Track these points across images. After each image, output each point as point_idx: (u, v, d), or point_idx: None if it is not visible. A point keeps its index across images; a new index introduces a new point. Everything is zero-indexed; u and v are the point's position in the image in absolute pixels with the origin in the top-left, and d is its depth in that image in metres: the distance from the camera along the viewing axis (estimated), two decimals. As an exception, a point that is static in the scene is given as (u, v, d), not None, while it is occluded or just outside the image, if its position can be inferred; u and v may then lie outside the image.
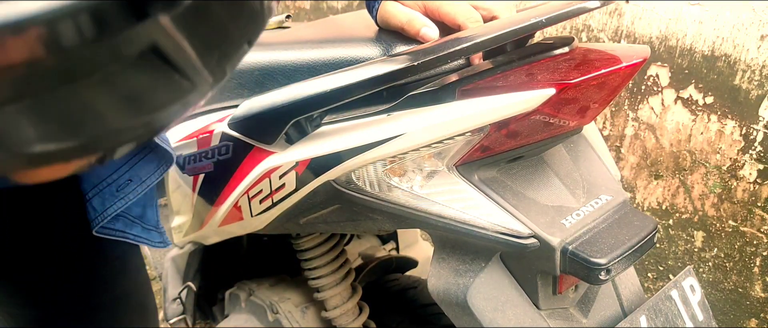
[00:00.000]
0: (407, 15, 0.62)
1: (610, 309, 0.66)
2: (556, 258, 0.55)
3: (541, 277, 0.59)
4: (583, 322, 0.64)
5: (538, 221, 0.56)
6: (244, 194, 0.71)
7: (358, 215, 0.64)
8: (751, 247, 1.20)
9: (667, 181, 1.31)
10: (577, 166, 0.65)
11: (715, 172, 1.21)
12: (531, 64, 0.55)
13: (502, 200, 0.57)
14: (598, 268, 0.53)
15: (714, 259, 1.27)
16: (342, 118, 0.61)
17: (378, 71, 0.53)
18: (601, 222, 0.59)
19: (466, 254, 0.61)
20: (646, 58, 0.54)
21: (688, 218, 1.29)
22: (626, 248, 0.55)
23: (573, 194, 0.61)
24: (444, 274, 0.62)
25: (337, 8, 2.13)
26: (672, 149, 1.27)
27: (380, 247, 1.16)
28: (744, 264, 1.22)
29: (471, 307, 0.58)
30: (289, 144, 0.64)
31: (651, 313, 0.62)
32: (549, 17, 0.50)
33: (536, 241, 0.55)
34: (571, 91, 0.51)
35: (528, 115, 0.52)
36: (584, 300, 0.65)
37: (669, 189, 1.31)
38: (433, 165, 0.58)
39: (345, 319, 0.91)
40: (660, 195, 1.33)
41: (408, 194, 0.58)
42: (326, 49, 0.66)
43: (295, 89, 0.60)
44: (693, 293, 0.66)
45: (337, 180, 0.61)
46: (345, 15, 0.87)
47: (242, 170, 0.70)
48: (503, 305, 0.59)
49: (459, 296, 0.59)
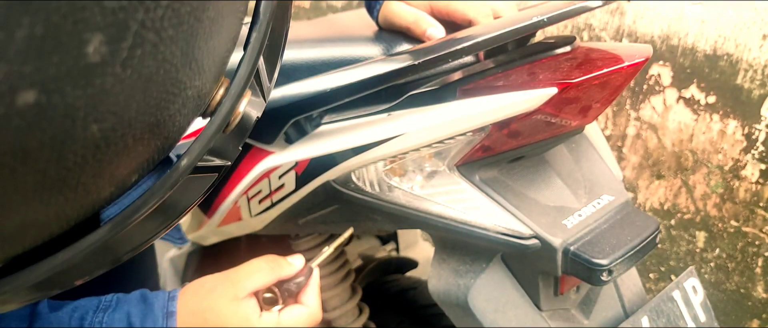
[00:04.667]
0: (414, 15, 0.61)
1: (611, 310, 0.66)
2: (558, 259, 0.55)
3: (543, 278, 0.59)
4: (585, 323, 0.63)
5: (539, 222, 0.55)
6: (243, 194, 0.71)
7: (358, 216, 0.64)
8: (754, 247, 1.19)
9: (668, 181, 1.30)
10: (579, 166, 0.65)
11: (718, 172, 1.21)
12: (532, 63, 0.55)
13: (504, 201, 0.56)
14: (600, 269, 0.52)
15: (716, 259, 1.27)
16: (342, 118, 0.60)
17: (378, 70, 0.53)
18: (602, 223, 0.58)
19: (467, 254, 0.61)
20: (648, 58, 0.53)
21: (690, 218, 1.28)
22: (628, 249, 0.55)
23: (575, 195, 0.61)
24: (445, 275, 0.62)
25: (336, 7, 2.12)
26: (674, 149, 1.27)
27: (380, 247, 1.16)
28: (746, 265, 1.21)
29: (472, 308, 0.58)
30: (289, 144, 0.64)
31: (653, 314, 0.61)
32: (550, 16, 0.49)
33: (538, 241, 0.54)
34: (572, 91, 0.51)
35: (529, 114, 0.51)
36: (586, 301, 0.65)
37: (671, 189, 1.30)
38: (433, 165, 0.58)
39: (345, 320, 0.90)
40: (662, 195, 1.33)
41: (408, 195, 0.58)
42: (326, 49, 0.66)
43: (295, 89, 0.59)
44: (695, 293, 0.66)
45: (336, 180, 0.61)
46: (344, 14, 0.86)
47: (241, 170, 0.70)
48: (504, 306, 0.59)
49: (460, 297, 0.59)
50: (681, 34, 1.20)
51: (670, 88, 1.24)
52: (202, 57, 0.23)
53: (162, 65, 0.21)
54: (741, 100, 1.13)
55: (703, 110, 1.20)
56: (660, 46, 1.23)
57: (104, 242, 0.25)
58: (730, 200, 1.20)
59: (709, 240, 1.26)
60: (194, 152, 0.26)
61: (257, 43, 0.28)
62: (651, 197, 1.34)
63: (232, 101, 0.27)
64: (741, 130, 1.15)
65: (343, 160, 0.59)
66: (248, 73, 0.28)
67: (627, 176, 1.38)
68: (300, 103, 0.58)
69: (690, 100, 1.21)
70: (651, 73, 1.26)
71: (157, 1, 0.19)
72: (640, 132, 1.32)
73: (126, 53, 0.19)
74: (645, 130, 1.31)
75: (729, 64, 1.14)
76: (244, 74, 0.28)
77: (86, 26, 0.17)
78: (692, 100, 1.21)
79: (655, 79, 1.26)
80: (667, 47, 1.23)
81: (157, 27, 0.19)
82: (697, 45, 1.18)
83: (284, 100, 0.60)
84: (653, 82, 1.27)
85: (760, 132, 1.12)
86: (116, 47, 0.18)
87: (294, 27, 0.86)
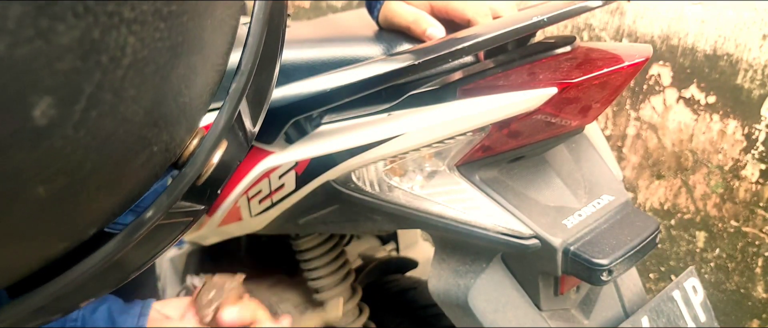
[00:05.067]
0: (414, 14, 0.61)
1: (611, 310, 0.65)
2: (558, 259, 0.55)
3: (543, 278, 0.59)
4: (585, 323, 0.63)
5: (539, 222, 0.55)
6: (243, 194, 0.71)
7: (358, 216, 0.64)
8: (754, 247, 1.19)
9: (669, 181, 1.30)
10: (579, 166, 0.65)
11: (718, 172, 1.21)
12: (532, 63, 0.55)
13: (504, 200, 0.56)
14: (600, 269, 0.52)
15: (716, 259, 1.27)
16: (342, 118, 0.60)
17: (378, 70, 0.53)
18: (602, 222, 0.58)
19: (466, 254, 0.61)
20: (648, 58, 0.53)
21: (690, 218, 1.28)
22: (628, 249, 0.55)
23: (575, 194, 0.61)
24: (445, 275, 0.62)
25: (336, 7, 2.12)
26: (674, 149, 1.27)
27: (380, 247, 1.16)
28: (746, 265, 1.21)
29: (472, 308, 0.58)
30: (289, 144, 0.64)
31: (653, 314, 0.61)
32: (550, 16, 0.49)
33: (538, 241, 0.54)
34: (572, 91, 0.50)
35: (529, 114, 0.51)
36: (586, 301, 0.65)
37: (671, 189, 1.30)
38: (433, 165, 0.58)
39: (345, 320, 0.90)
40: (662, 195, 1.33)
41: (408, 195, 0.58)
42: (326, 48, 0.66)
43: (295, 88, 0.59)
44: (695, 293, 0.66)
45: (336, 180, 0.61)
46: (344, 14, 0.86)
47: (241, 169, 0.70)
48: (504, 306, 0.59)
49: (460, 297, 0.59)
50: (681, 34, 1.20)
51: (670, 88, 1.24)
52: (170, 113, 0.22)
53: (122, 125, 0.19)
54: (741, 100, 1.13)
55: (703, 110, 1.20)
56: (660, 46, 1.23)
57: (59, 295, 0.24)
58: (730, 200, 1.20)
59: (709, 240, 1.26)
60: (162, 205, 0.25)
61: (236, 94, 0.27)
62: (651, 197, 1.34)
63: (206, 154, 0.26)
64: (741, 130, 1.15)
65: (343, 160, 0.59)
66: (226, 123, 0.27)
67: (627, 176, 1.38)
68: (300, 103, 0.58)
69: (690, 100, 1.21)
70: (651, 73, 1.26)
71: (117, 62, 0.18)
72: (640, 132, 1.32)
73: (78, 116, 0.17)
74: (645, 130, 1.31)
75: (729, 64, 1.14)
76: (221, 125, 0.26)
77: (33, 89, 0.16)
78: (692, 100, 1.21)
79: (655, 79, 1.26)
80: (667, 47, 1.23)
81: (117, 87, 0.18)
82: (697, 45, 1.18)
83: (284, 100, 0.60)
84: (653, 82, 1.27)
85: (760, 132, 1.12)
86: (67, 110, 0.17)
87: (294, 27, 0.86)
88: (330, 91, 0.55)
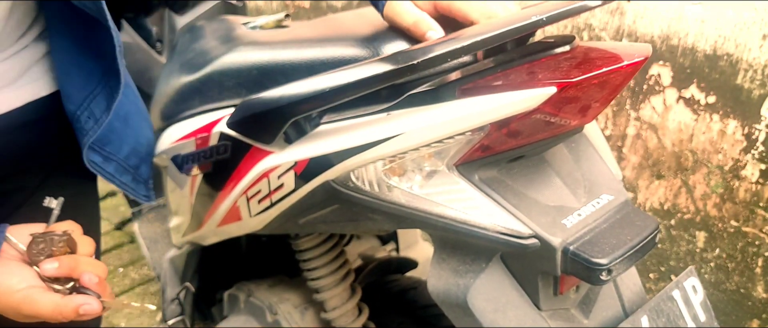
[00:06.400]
0: (414, 16, 0.61)
1: (611, 310, 0.65)
2: (557, 258, 0.54)
3: (542, 277, 0.59)
4: (585, 323, 0.63)
5: (539, 221, 0.55)
6: (242, 194, 0.71)
7: (358, 216, 0.64)
8: (753, 247, 1.19)
9: (668, 181, 1.30)
10: (579, 165, 0.65)
11: (717, 172, 1.21)
12: (532, 62, 0.55)
13: (503, 200, 0.56)
14: (600, 268, 0.52)
15: (716, 259, 1.26)
16: (341, 118, 0.60)
17: (377, 70, 0.53)
18: (602, 222, 0.58)
19: (466, 254, 0.61)
20: (648, 57, 0.53)
21: (690, 218, 1.28)
22: (628, 249, 0.55)
23: (574, 194, 0.61)
24: (444, 274, 0.62)
25: (336, 7, 2.12)
26: (674, 149, 1.27)
27: (380, 247, 1.16)
28: (746, 265, 1.21)
29: (471, 308, 0.58)
30: (288, 144, 0.64)
31: (653, 313, 0.61)
32: (550, 15, 0.49)
33: (537, 241, 0.54)
34: (572, 90, 0.50)
35: (529, 114, 0.51)
36: (585, 301, 0.65)
37: (671, 189, 1.30)
38: (433, 165, 0.58)
39: (344, 320, 0.90)
40: (662, 195, 1.33)
41: (408, 194, 0.58)
42: (325, 48, 0.66)
43: (294, 88, 0.59)
44: (695, 293, 0.66)
45: (336, 180, 0.61)
46: (344, 14, 0.86)
47: (241, 169, 0.70)
48: (504, 306, 0.59)
49: (459, 297, 0.59)
50: (681, 34, 1.20)
51: (670, 88, 1.24)
52: None
53: None
54: (741, 100, 1.13)
55: (703, 110, 1.20)
56: (660, 46, 1.23)
57: None
58: (730, 200, 1.20)
59: (709, 240, 1.26)
60: None
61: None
62: (651, 197, 1.34)
63: None
64: (741, 130, 1.15)
65: (342, 159, 0.59)
66: None
67: (627, 175, 1.38)
68: (299, 102, 0.58)
69: (690, 100, 1.21)
70: (651, 73, 1.26)
71: None
72: (640, 132, 1.32)
73: None
74: (645, 130, 1.31)
75: (729, 64, 1.14)
76: None
77: None
78: (692, 100, 1.21)
79: (655, 79, 1.26)
80: (667, 47, 1.23)
81: None
82: (697, 45, 1.18)
83: (284, 100, 0.60)
84: (653, 82, 1.27)
85: (760, 132, 1.12)
86: None
87: (294, 27, 0.86)
88: (329, 91, 0.55)
